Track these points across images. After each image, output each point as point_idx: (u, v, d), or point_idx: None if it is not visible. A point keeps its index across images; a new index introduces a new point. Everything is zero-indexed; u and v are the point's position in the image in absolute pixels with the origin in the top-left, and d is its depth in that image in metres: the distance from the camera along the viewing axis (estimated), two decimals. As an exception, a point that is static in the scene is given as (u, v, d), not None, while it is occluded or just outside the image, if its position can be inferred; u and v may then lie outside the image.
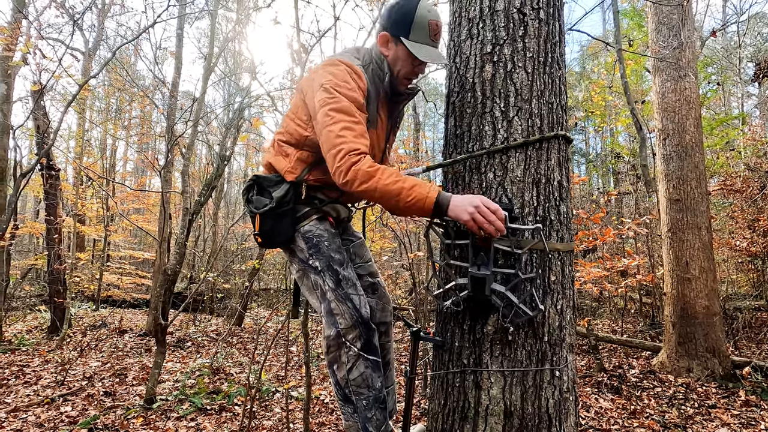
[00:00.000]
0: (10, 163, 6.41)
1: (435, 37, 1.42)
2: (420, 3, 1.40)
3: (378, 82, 1.48)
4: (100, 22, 8.41)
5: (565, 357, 1.31)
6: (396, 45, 1.44)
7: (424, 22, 1.38)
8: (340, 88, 1.32)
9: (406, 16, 1.39)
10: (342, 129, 1.27)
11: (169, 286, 3.83)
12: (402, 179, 1.21)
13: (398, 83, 1.50)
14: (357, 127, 1.29)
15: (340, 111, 1.29)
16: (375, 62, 1.48)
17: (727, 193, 7.35)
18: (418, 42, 1.40)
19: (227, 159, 5.02)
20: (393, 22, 1.42)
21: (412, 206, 1.20)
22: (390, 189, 1.20)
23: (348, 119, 1.29)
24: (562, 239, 1.34)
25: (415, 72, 1.48)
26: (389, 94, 1.53)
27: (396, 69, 1.47)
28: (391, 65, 1.47)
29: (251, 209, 1.48)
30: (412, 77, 1.51)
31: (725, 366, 4.25)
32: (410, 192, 1.19)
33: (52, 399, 3.77)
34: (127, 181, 16.32)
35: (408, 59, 1.44)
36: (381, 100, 1.51)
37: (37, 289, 10.63)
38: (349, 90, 1.33)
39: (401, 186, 1.20)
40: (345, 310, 1.42)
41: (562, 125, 1.38)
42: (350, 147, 1.24)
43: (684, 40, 4.72)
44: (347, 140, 1.25)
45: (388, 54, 1.46)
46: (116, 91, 12.10)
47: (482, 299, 1.25)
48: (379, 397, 1.44)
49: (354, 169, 1.23)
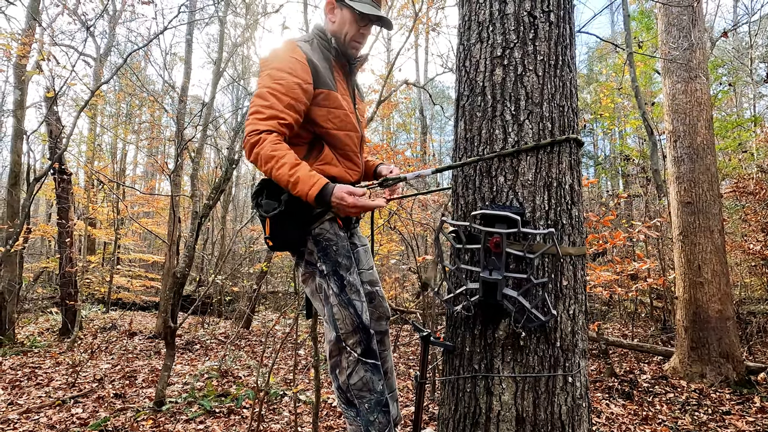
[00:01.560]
0: (24, 167, 6.51)
1: (375, 1, 1.55)
2: None
3: (325, 52, 1.56)
4: (111, 28, 8.53)
5: (577, 363, 1.30)
6: (341, 9, 1.54)
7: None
8: (267, 70, 1.43)
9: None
10: (252, 113, 1.40)
11: (178, 289, 3.86)
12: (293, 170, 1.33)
13: (348, 47, 1.58)
14: (266, 111, 1.38)
15: (258, 96, 1.41)
16: (317, 36, 1.57)
17: (739, 196, 7.24)
18: (359, 1, 1.51)
19: (236, 162, 5.05)
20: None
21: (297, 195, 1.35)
22: (281, 179, 1.35)
23: (259, 103, 1.39)
24: (574, 243, 1.33)
25: (361, 33, 1.57)
26: (342, 62, 1.61)
27: (343, 33, 1.55)
28: (337, 32, 1.56)
29: (261, 213, 1.49)
30: (360, 39, 1.58)
31: (739, 371, 4.17)
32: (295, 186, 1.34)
33: (64, 401, 3.81)
34: (136, 184, 16.51)
35: (353, 21, 1.53)
36: (334, 65, 1.58)
37: (49, 291, 10.77)
38: (278, 70, 1.41)
39: (288, 179, 1.34)
40: (346, 316, 1.43)
41: (573, 128, 1.36)
42: (252, 128, 1.37)
43: (694, 41, 4.67)
44: (251, 122, 1.38)
45: (334, 20, 1.56)
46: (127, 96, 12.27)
47: (494, 304, 1.24)
48: (381, 400, 1.44)
49: (255, 151, 1.36)
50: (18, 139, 6.70)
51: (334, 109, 1.51)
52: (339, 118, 1.52)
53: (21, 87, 6.62)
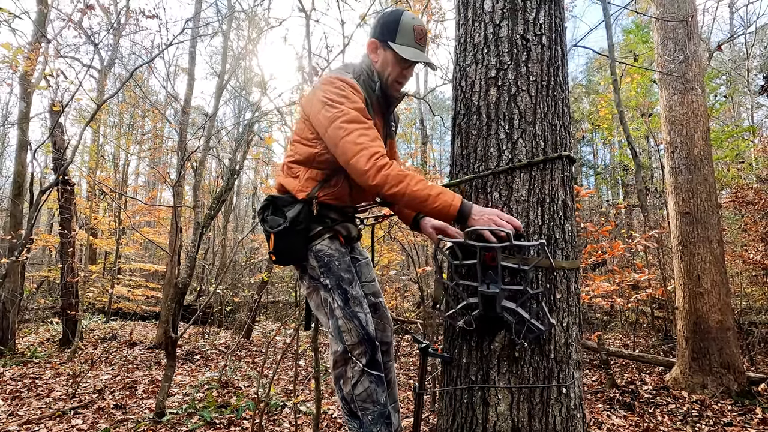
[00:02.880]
0: (27, 178, 6.57)
1: (420, 41, 1.54)
2: (404, 12, 1.54)
3: (370, 91, 1.56)
4: (115, 41, 8.68)
5: (572, 374, 1.32)
6: (384, 50, 1.54)
7: (409, 27, 1.52)
8: (344, 101, 1.40)
9: (393, 22, 1.52)
10: (359, 136, 1.34)
11: (179, 299, 3.88)
12: (429, 186, 1.31)
13: (389, 88, 1.58)
14: (370, 132, 1.36)
15: (351, 121, 1.36)
16: (365, 72, 1.57)
17: (739, 206, 7.27)
18: (404, 45, 1.51)
19: (237, 173, 5.11)
20: (380, 28, 1.54)
21: (437, 211, 1.30)
22: (419, 194, 1.30)
23: (360, 126, 1.36)
24: (567, 257, 1.37)
25: (403, 74, 1.57)
26: (381, 101, 1.62)
27: (386, 74, 1.56)
28: (380, 71, 1.56)
29: (266, 228, 1.54)
30: (402, 80, 1.59)
31: (741, 382, 4.16)
32: (437, 198, 1.29)
33: (64, 412, 3.81)
34: (138, 194, 16.60)
35: (396, 62, 1.53)
36: (375, 107, 1.59)
37: (50, 301, 10.78)
38: (350, 101, 1.41)
39: (428, 193, 1.29)
40: (352, 327, 1.46)
41: (565, 146, 1.41)
42: (372, 151, 1.32)
43: (690, 54, 4.75)
44: (366, 145, 1.33)
45: (377, 60, 1.56)
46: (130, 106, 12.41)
47: (493, 317, 1.27)
48: (384, 412, 1.47)
49: (384, 174, 1.30)
50: (22, 150, 6.78)
51: None
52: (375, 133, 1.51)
53: (26, 99, 6.72)
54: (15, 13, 5.41)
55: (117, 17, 7.65)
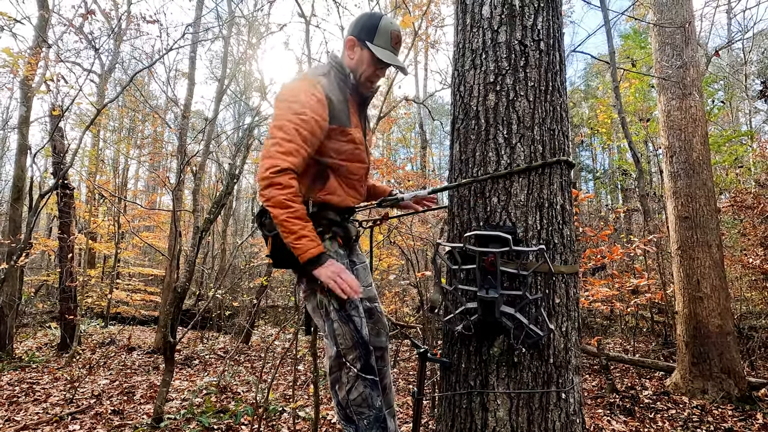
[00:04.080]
0: (27, 182, 6.58)
1: (395, 45, 1.60)
2: (383, 17, 1.60)
3: (342, 85, 1.59)
4: (116, 45, 8.71)
5: (571, 379, 1.32)
6: (361, 49, 1.58)
7: (387, 31, 1.57)
8: (286, 102, 1.45)
9: (372, 24, 1.58)
10: (274, 144, 1.40)
11: (178, 303, 3.87)
12: (304, 227, 1.38)
13: (361, 86, 1.62)
14: (286, 144, 1.39)
15: (278, 128, 1.42)
16: (334, 68, 1.60)
17: (738, 210, 7.28)
18: (380, 47, 1.56)
19: (237, 177, 5.12)
20: (360, 27, 1.59)
21: (294, 248, 1.39)
22: (289, 227, 1.37)
23: (281, 136, 1.40)
24: (566, 262, 1.37)
25: (376, 74, 1.61)
26: (355, 94, 1.64)
27: (359, 71, 1.59)
28: (353, 68, 1.60)
29: (264, 232, 1.54)
30: (374, 80, 1.63)
31: (741, 387, 4.15)
32: (298, 240, 1.38)
33: (61, 417, 3.79)
34: (138, 198, 16.59)
35: (371, 62, 1.58)
36: (350, 99, 1.61)
37: (49, 305, 10.75)
38: (296, 103, 1.44)
39: (299, 232, 1.37)
40: (347, 331, 1.47)
41: (564, 151, 1.41)
42: (275, 162, 1.37)
43: (688, 59, 4.77)
44: (274, 155, 1.38)
45: (353, 57, 1.60)
46: (130, 111, 12.44)
47: (492, 322, 1.27)
48: (380, 417, 1.47)
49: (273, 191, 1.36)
50: (22, 155, 6.79)
51: (346, 143, 1.56)
52: (350, 152, 1.57)
53: (27, 104, 6.74)
54: (16, 18, 5.44)
55: (118, 22, 7.69)
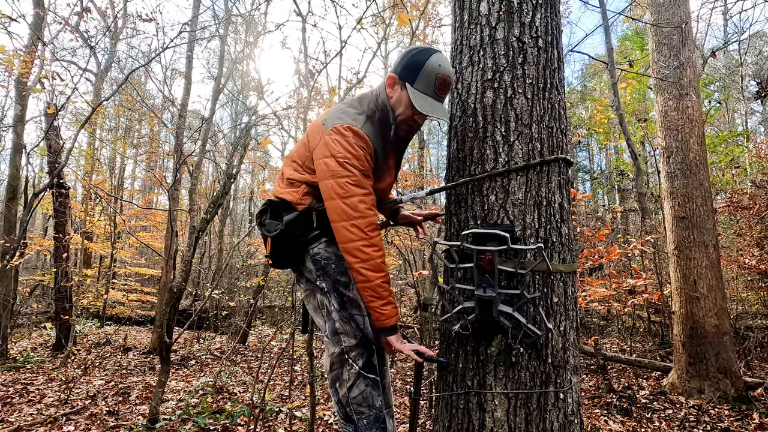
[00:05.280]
0: (22, 181, 6.53)
1: (440, 91, 1.42)
2: (434, 55, 1.40)
3: (385, 129, 1.49)
4: (112, 44, 8.67)
5: (569, 379, 1.31)
6: (401, 89, 1.44)
7: (433, 74, 1.39)
8: (351, 161, 1.38)
9: (417, 64, 1.40)
10: (359, 202, 1.37)
11: (174, 303, 3.85)
12: (390, 291, 1.41)
13: (399, 127, 1.51)
14: (368, 198, 1.40)
15: (357, 185, 1.38)
16: (380, 110, 1.49)
17: (734, 211, 7.31)
18: (421, 92, 1.41)
19: (234, 177, 5.09)
20: (403, 65, 1.44)
21: (380, 314, 1.41)
22: (378, 291, 1.39)
23: (362, 193, 1.38)
24: (564, 260, 1.35)
25: (414, 119, 1.48)
26: (396, 137, 1.54)
27: (397, 112, 1.47)
28: (393, 108, 1.48)
29: (263, 232, 1.54)
30: (411, 124, 1.50)
31: (738, 387, 4.16)
32: (385, 306, 1.41)
33: (56, 418, 3.75)
34: (134, 198, 16.52)
35: (408, 106, 1.43)
36: (389, 144, 1.53)
37: (44, 305, 10.67)
38: (359, 161, 1.39)
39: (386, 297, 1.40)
40: (349, 330, 1.46)
41: (562, 149, 1.40)
42: (370, 221, 1.38)
43: (684, 60, 4.78)
44: (365, 213, 1.38)
45: (392, 96, 1.47)
46: (126, 110, 12.38)
47: (490, 321, 1.26)
48: (380, 417, 1.46)
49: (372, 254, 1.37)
50: (17, 154, 6.73)
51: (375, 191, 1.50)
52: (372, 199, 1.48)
53: (21, 102, 6.69)
54: (11, 16, 5.39)
55: (114, 20, 7.65)
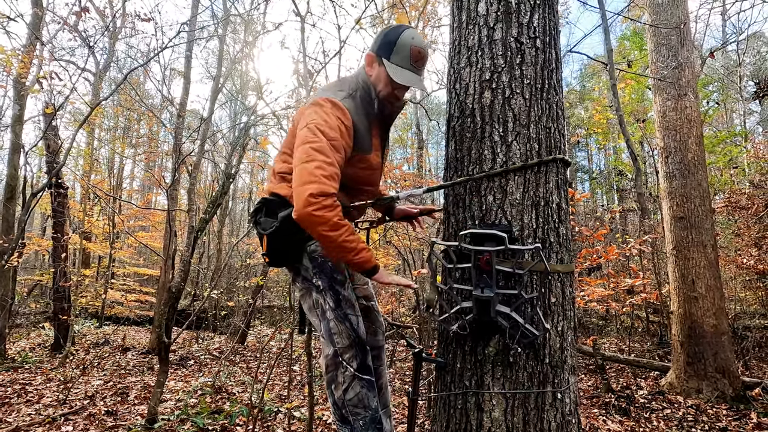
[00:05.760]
0: (20, 181, 6.51)
1: (416, 63, 1.48)
2: (406, 30, 1.48)
3: (368, 106, 1.52)
4: (111, 44, 8.65)
5: (567, 379, 1.31)
6: (379, 66, 1.50)
7: (407, 47, 1.46)
8: (322, 127, 1.38)
9: (391, 39, 1.47)
10: (316, 168, 1.33)
11: (173, 303, 3.84)
12: (356, 239, 1.37)
13: (382, 103, 1.56)
14: (329, 168, 1.34)
15: (318, 150, 1.35)
16: (362, 88, 1.52)
17: (732, 210, 7.32)
18: (398, 65, 1.47)
19: (232, 177, 5.09)
20: (379, 43, 1.50)
21: (357, 263, 1.39)
22: (347, 245, 1.35)
23: (322, 159, 1.34)
24: (562, 261, 1.36)
25: (394, 95, 1.53)
26: (379, 114, 1.58)
27: (378, 89, 1.52)
28: (374, 85, 1.52)
29: (259, 230, 1.53)
30: (393, 100, 1.55)
31: (736, 387, 4.17)
32: (359, 254, 1.37)
33: (54, 418, 3.75)
34: (133, 198, 16.49)
35: (387, 81, 1.49)
36: (373, 122, 1.56)
37: (42, 305, 10.65)
38: (331, 129, 1.38)
39: (356, 246, 1.36)
40: (343, 330, 1.46)
41: (560, 149, 1.41)
42: (322, 189, 1.31)
43: (683, 60, 4.79)
44: (320, 180, 1.32)
45: (371, 74, 1.53)
46: (125, 110, 12.37)
47: (488, 321, 1.26)
48: (375, 418, 1.46)
49: (324, 214, 1.31)
50: (15, 153, 6.71)
51: (363, 169, 1.53)
52: (365, 177, 1.56)
53: (20, 102, 6.67)
54: (9, 15, 5.38)
55: (112, 20, 7.64)
